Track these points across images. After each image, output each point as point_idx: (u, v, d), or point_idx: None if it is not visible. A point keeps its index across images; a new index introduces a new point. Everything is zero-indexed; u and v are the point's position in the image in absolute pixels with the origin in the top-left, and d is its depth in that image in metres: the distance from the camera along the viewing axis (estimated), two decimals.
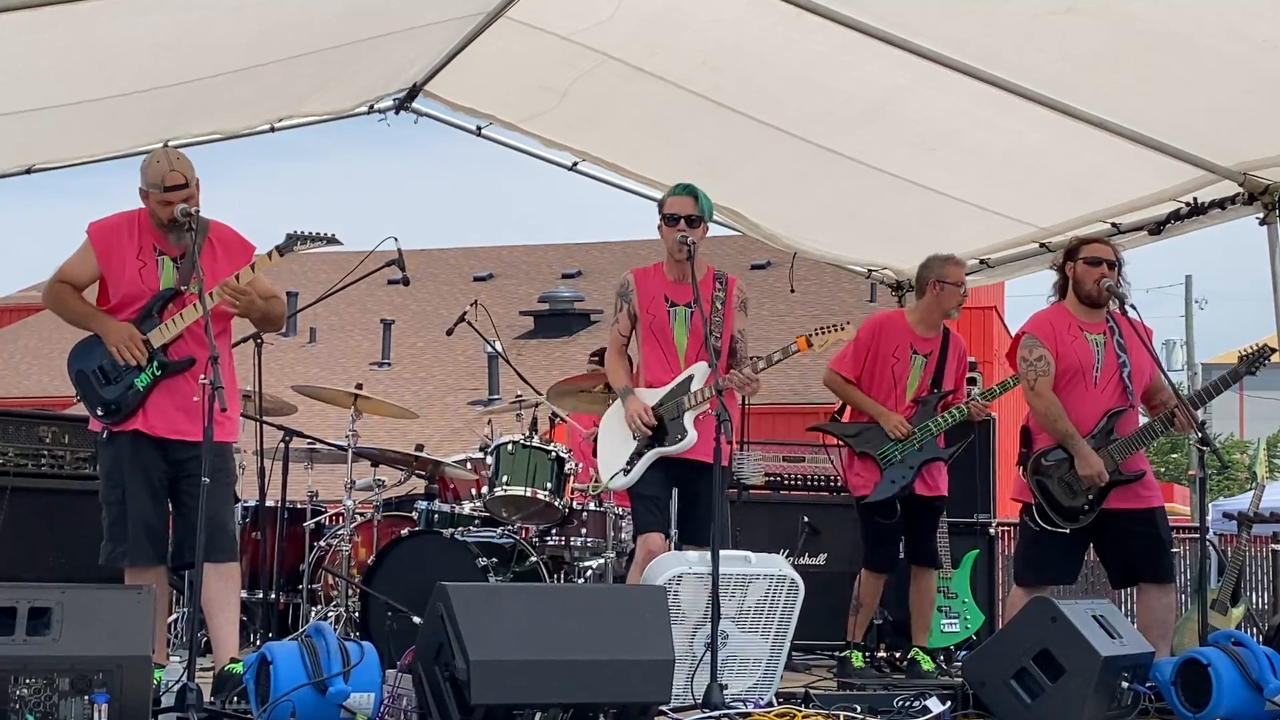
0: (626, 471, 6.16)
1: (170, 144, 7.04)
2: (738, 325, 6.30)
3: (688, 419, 6.13)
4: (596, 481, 7.08)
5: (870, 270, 9.80)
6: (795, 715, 5.23)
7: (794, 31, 6.97)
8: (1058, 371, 6.33)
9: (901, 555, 7.26)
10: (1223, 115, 6.90)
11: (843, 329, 6.29)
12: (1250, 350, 6.38)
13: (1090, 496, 6.25)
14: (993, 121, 7.35)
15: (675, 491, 6.18)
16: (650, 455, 6.15)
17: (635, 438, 6.17)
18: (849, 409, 7.34)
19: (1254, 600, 13.12)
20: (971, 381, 7.51)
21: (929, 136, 7.79)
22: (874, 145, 8.01)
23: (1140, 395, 6.45)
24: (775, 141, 8.14)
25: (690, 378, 6.17)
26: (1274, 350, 6.59)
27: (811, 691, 5.87)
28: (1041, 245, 8.54)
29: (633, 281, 6.34)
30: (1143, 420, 6.50)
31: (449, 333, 8.82)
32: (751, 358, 6.23)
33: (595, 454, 6.52)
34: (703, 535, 5.95)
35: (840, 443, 7.27)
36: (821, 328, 6.25)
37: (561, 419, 8.33)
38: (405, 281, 7.40)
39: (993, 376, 15.28)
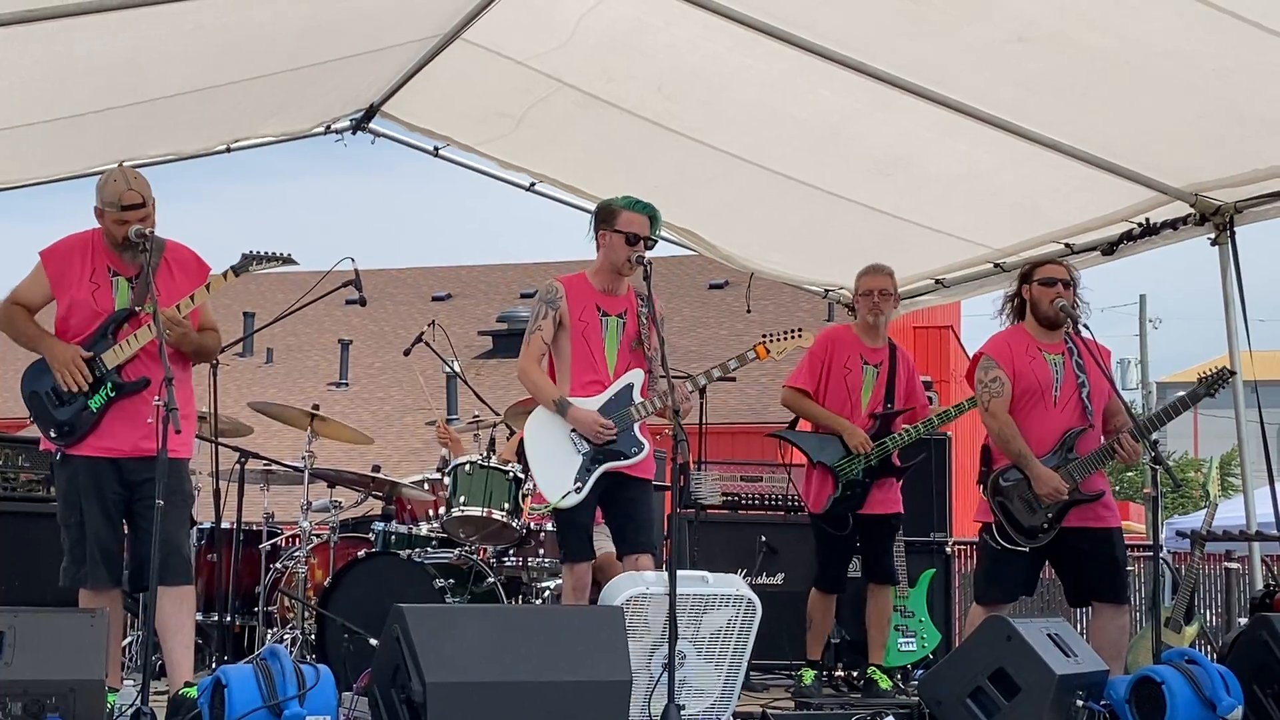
0: (580, 489, 5.93)
1: (125, 165, 7.01)
2: (658, 339, 6.11)
3: (638, 430, 6.02)
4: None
5: (827, 290, 9.83)
6: None
7: (749, 56, 7.00)
8: (1017, 391, 6.35)
9: (857, 573, 7.29)
10: (1174, 137, 6.97)
11: (799, 335, 6.31)
12: (1209, 373, 6.35)
13: (1050, 514, 6.27)
14: (946, 144, 7.41)
15: (609, 509, 6.10)
16: (601, 470, 5.96)
17: (579, 451, 5.96)
18: (802, 423, 7.36)
19: (1207, 618, 13.20)
20: (928, 399, 7.56)
21: (884, 161, 7.84)
22: (829, 170, 8.05)
23: (1099, 416, 6.48)
24: (731, 168, 8.17)
25: (629, 386, 6.05)
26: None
27: (769, 711, 5.89)
28: (996, 265, 8.60)
29: (562, 288, 6.09)
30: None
31: (406, 353, 8.81)
32: (705, 370, 6.13)
33: (525, 469, 6.23)
34: (644, 541, 5.94)
35: (800, 455, 7.27)
36: (778, 334, 6.25)
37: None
38: (363, 302, 7.43)
39: (949, 396, 15.34)
